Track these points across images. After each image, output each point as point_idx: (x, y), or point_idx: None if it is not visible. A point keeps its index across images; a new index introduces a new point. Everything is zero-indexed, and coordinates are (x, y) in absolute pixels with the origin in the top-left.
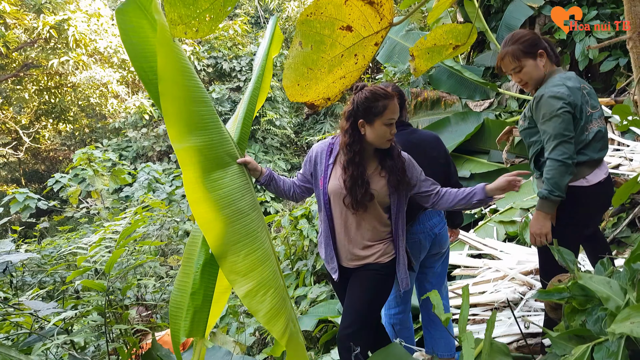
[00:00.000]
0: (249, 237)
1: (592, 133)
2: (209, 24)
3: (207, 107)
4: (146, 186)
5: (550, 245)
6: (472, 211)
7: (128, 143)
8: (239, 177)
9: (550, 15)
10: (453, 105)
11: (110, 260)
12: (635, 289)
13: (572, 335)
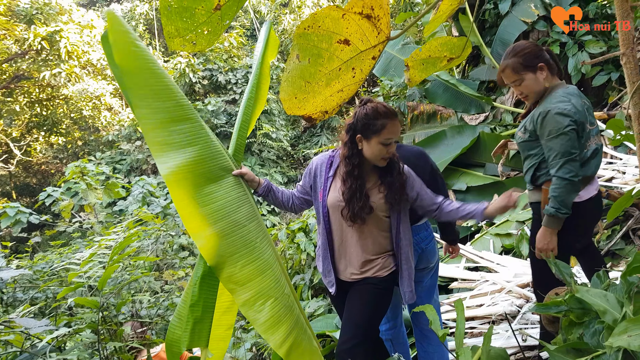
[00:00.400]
0: (246, 248)
1: (590, 150)
2: (206, 37)
3: (191, 124)
4: (140, 200)
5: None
6: (469, 224)
7: (122, 156)
8: (234, 190)
9: (543, 30)
10: (449, 118)
11: (103, 277)
12: (632, 302)
13: (569, 349)
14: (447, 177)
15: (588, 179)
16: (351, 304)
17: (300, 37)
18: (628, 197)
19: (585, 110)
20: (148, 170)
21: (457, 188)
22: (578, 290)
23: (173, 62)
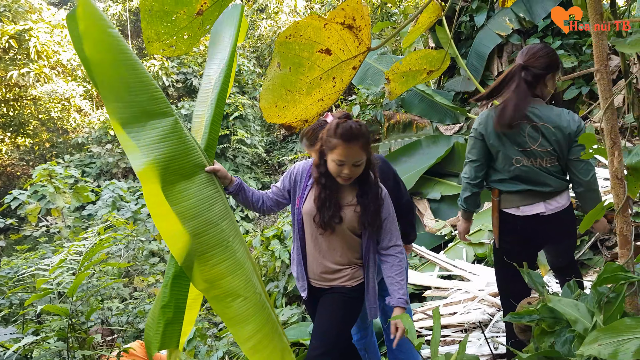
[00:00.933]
0: (217, 247)
1: (523, 168)
2: (186, 42)
3: (166, 118)
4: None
5: (518, 267)
6: (442, 232)
7: (91, 159)
8: (207, 187)
9: (517, 43)
10: (424, 128)
11: (74, 283)
12: (602, 312)
13: (541, 357)
14: (422, 186)
15: (533, 195)
16: (320, 314)
17: (281, 46)
18: (599, 209)
19: (518, 127)
20: (118, 174)
21: (432, 197)
22: (550, 300)
23: (146, 65)
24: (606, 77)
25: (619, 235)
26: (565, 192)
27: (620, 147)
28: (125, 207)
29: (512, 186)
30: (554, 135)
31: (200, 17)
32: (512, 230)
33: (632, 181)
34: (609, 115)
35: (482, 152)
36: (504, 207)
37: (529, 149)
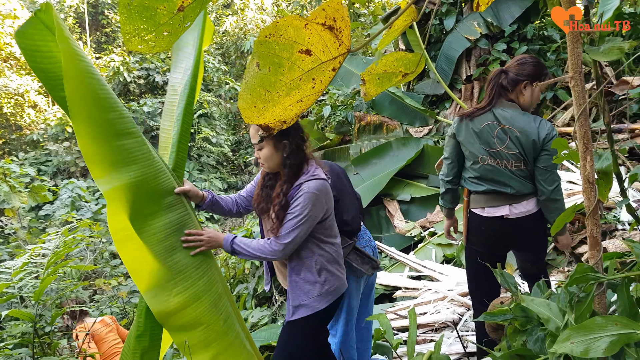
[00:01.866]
0: (182, 274)
1: (495, 169)
2: (166, 38)
3: (134, 138)
4: (69, 204)
5: (491, 267)
6: (412, 234)
7: (48, 157)
8: (175, 211)
9: (485, 47)
10: (394, 130)
11: (40, 288)
12: (573, 311)
13: (514, 355)
14: (392, 188)
15: (498, 197)
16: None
17: (260, 45)
18: (570, 212)
19: (487, 129)
20: (77, 173)
21: (402, 198)
22: (524, 300)
23: (106, 59)
24: (580, 83)
25: (589, 237)
26: (533, 199)
27: (592, 152)
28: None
29: (478, 186)
30: (519, 139)
31: (181, 13)
32: (478, 231)
33: (602, 185)
34: (582, 121)
35: (454, 151)
36: (472, 207)
37: (495, 150)
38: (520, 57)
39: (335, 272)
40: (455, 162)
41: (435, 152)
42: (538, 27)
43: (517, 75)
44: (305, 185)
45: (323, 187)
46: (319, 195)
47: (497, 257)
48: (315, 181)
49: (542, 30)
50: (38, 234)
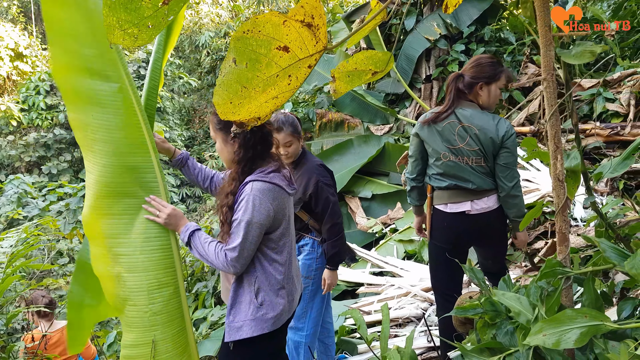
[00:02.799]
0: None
1: (456, 165)
2: (149, 32)
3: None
4: (15, 200)
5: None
6: (374, 230)
7: None
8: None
9: (444, 48)
10: (356, 128)
11: (1, 288)
12: (544, 305)
13: (483, 348)
14: (353, 185)
15: (461, 194)
16: None
17: (238, 41)
18: (538, 208)
19: (447, 127)
20: (22, 168)
21: (363, 195)
22: (495, 294)
23: None
24: (552, 85)
25: (558, 233)
26: (493, 195)
27: (562, 151)
28: (32, 203)
29: (441, 182)
30: (478, 136)
31: (165, 6)
32: (441, 226)
33: (570, 183)
34: (553, 121)
35: (418, 149)
36: (435, 204)
37: (457, 147)
38: (477, 57)
39: (275, 300)
40: (420, 160)
41: (396, 150)
42: (495, 30)
43: (472, 79)
44: (250, 185)
45: (269, 192)
46: (262, 199)
47: (459, 253)
48: (263, 183)
49: (499, 32)
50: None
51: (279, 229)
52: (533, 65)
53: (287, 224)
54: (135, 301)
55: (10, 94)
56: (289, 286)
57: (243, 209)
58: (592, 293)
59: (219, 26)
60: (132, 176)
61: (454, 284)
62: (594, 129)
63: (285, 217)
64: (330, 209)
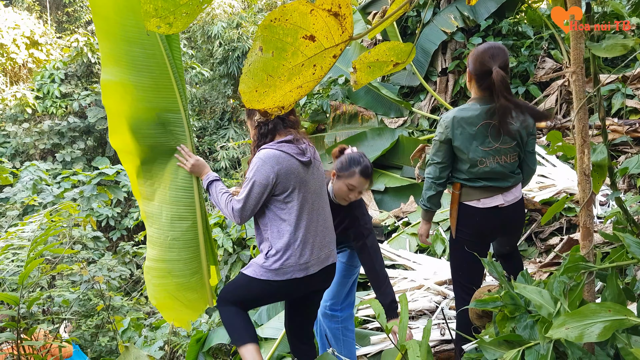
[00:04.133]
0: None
1: (485, 169)
2: (183, 19)
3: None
4: (31, 187)
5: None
6: (386, 223)
7: (6, 138)
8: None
9: (461, 41)
10: (369, 120)
11: (26, 271)
12: (566, 299)
13: (501, 341)
14: None
15: (491, 189)
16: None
17: (265, 29)
18: (561, 203)
19: (478, 128)
20: (36, 156)
21: (376, 188)
22: (517, 287)
23: (69, 40)
24: (581, 78)
25: (582, 228)
26: (519, 185)
27: (589, 145)
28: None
29: (475, 182)
30: (519, 130)
31: None
32: (471, 222)
33: (596, 177)
34: (581, 115)
35: (447, 155)
36: (464, 200)
37: (493, 148)
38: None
39: (281, 257)
40: (449, 165)
41: (410, 143)
42: (513, 23)
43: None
44: (259, 152)
45: (272, 156)
46: (265, 161)
47: (485, 246)
48: (268, 150)
49: (517, 26)
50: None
51: (287, 192)
52: (550, 60)
53: (299, 189)
54: (160, 225)
55: (26, 81)
56: (300, 247)
57: (249, 170)
58: (615, 288)
59: (232, 17)
60: (165, 128)
61: (478, 277)
62: (612, 125)
63: (293, 182)
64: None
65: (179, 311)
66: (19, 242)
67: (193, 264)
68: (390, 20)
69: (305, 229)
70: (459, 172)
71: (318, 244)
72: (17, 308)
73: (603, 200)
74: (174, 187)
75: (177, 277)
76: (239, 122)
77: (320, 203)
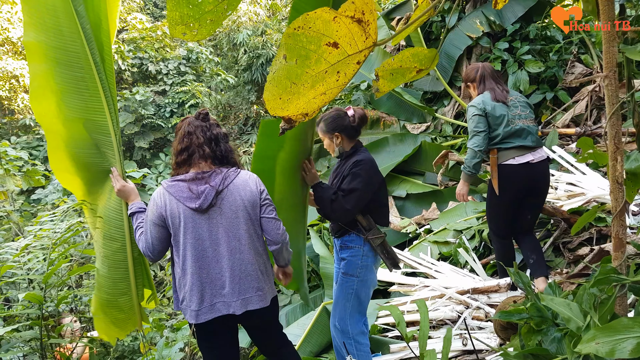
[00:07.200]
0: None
1: (516, 127)
2: (208, 26)
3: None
4: (61, 189)
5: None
6: (407, 230)
7: (39, 142)
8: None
9: (487, 46)
10: (391, 126)
11: (50, 271)
12: (597, 312)
13: (527, 354)
14: (387, 184)
15: (521, 148)
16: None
17: (289, 37)
18: (593, 212)
19: (505, 103)
20: None
21: (397, 195)
22: (543, 299)
23: None
24: (614, 82)
25: (614, 238)
26: (543, 147)
27: (623, 152)
28: None
29: (508, 144)
30: (527, 104)
31: (225, 1)
32: (509, 178)
33: (630, 186)
34: (614, 121)
35: (486, 124)
36: (501, 161)
37: (518, 113)
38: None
39: (176, 298)
40: (488, 132)
41: (433, 149)
42: (541, 27)
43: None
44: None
45: (160, 195)
46: (153, 199)
47: (517, 203)
48: (160, 187)
49: (545, 30)
50: (30, 217)
51: (174, 235)
52: (580, 65)
53: (184, 234)
54: (96, 239)
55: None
56: (189, 293)
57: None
58: None
59: (257, 24)
60: (99, 149)
61: (510, 228)
62: None
63: (178, 225)
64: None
65: (107, 325)
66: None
67: (122, 285)
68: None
69: (192, 276)
70: (495, 137)
71: (217, 292)
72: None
73: (636, 210)
74: (107, 207)
75: (106, 293)
76: None
77: (220, 250)
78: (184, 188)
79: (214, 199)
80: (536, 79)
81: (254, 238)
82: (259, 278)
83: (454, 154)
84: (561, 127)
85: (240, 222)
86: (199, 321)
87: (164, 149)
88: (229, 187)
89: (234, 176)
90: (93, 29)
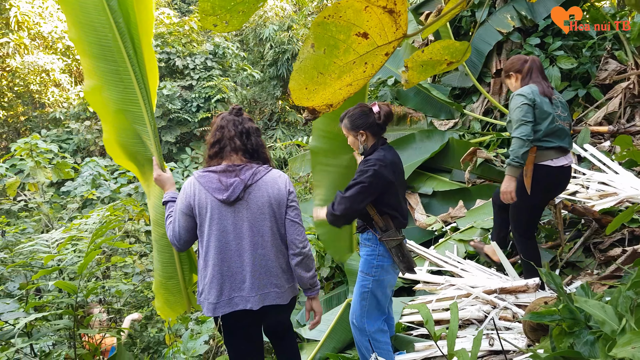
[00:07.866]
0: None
1: (559, 126)
2: (239, 17)
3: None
4: (90, 182)
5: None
6: (433, 228)
7: (69, 135)
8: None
9: (517, 41)
10: (418, 122)
11: (85, 261)
12: (633, 315)
13: (558, 357)
14: (414, 181)
15: (559, 150)
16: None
17: (318, 26)
18: (629, 213)
19: (551, 98)
20: (96, 152)
21: (423, 192)
22: (577, 300)
23: None
24: None
25: None
26: (570, 152)
27: None
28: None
29: (548, 143)
30: (566, 106)
31: None
32: (544, 180)
33: None
34: None
35: (533, 115)
36: (539, 161)
37: (559, 114)
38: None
39: (200, 290)
40: (534, 125)
41: (461, 146)
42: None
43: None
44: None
45: (190, 185)
46: (184, 189)
47: (545, 202)
48: (190, 177)
49: (578, 25)
50: (59, 209)
51: (200, 225)
52: (614, 62)
53: (209, 225)
54: (151, 224)
55: None
56: (208, 285)
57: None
58: None
59: (283, 19)
60: (140, 139)
61: (535, 229)
62: None
63: (204, 216)
64: (353, 189)
65: (162, 305)
66: (78, 233)
67: (169, 269)
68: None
69: (213, 268)
70: (536, 132)
71: (237, 287)
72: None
73: None
74: (153, 194)
75: (159, 275)
76: (286, 123)
77: (243, 244)
78: (214, 179)
79: (242, 192)
80: (568, 75)
81: (277, 236)
82: (278, 275)
83: (482, 151)
84: (593, 124)
85: (265, 219)
86: (215, 314)
87: (190, 143)
88: (258, 183)
89: (264, 173)
90: (125, 22)
